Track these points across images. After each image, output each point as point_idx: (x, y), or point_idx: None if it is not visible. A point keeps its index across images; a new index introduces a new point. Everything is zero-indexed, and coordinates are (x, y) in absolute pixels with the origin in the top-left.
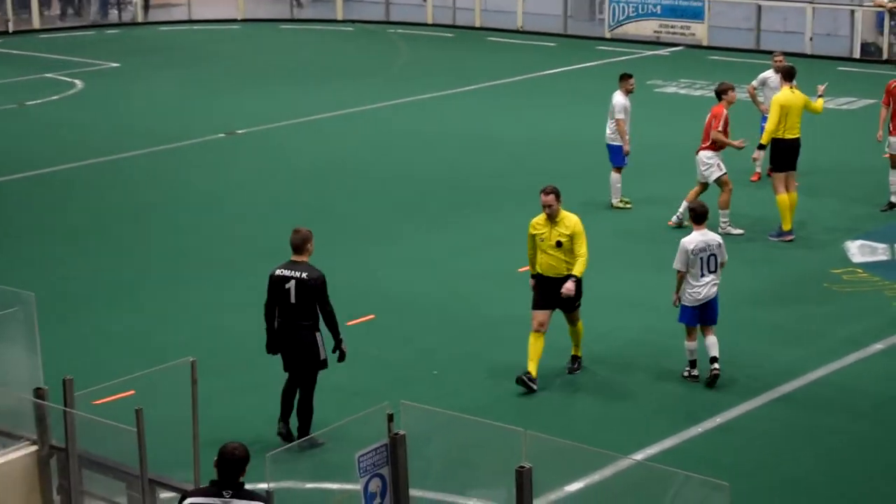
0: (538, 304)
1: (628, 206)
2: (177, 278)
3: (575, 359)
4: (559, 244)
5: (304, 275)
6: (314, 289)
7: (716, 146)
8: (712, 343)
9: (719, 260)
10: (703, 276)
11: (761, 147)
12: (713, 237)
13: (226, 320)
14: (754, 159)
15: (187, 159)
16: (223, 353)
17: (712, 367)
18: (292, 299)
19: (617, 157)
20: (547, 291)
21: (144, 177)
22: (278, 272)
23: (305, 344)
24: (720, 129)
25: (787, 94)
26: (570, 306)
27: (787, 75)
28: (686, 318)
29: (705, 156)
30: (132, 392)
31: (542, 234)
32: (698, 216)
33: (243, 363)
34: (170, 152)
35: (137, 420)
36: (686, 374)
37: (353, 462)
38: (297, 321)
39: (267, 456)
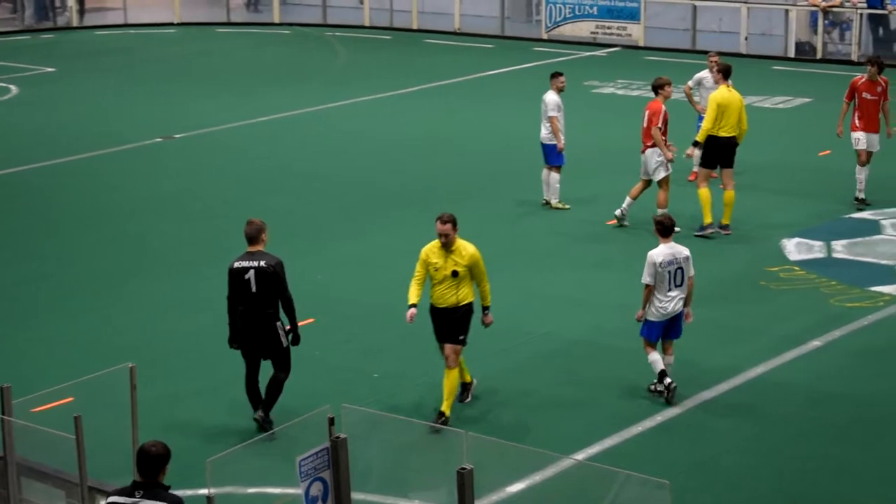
0: (438, 338)
1: (566, 207)
2: (116, 283)
3: (441, 415)
4: (455, 274)
5: (263, 263)
6: (274, 275)
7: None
8: (670, 363)
9: (686, 273)
10: (669, 290)
11: (696, 144)
12: (680, 250)
13: (167, 325)
14: (688, 156)
15: (124, 164)
16: (163, 359)
17: (666, 382)
18: (253, 289)
19: (553, 156)
20: (440, 323)
21: (82, 182)
22: (237, 265)
23: (272, 331)
24: (660, 125)
25: (724, 93)
26: (454, 337)
27: (725, 74)
28: (650, 334)
29: (655, 153)
30: (71, 399)
31: (437, 263)
32: (665, 229)
33: (184, 368)
34: (107, 157)
35: (76, 427)
36: (653, 388)
37: (294, 466)
38: (262, 310)
39: (207, 461)
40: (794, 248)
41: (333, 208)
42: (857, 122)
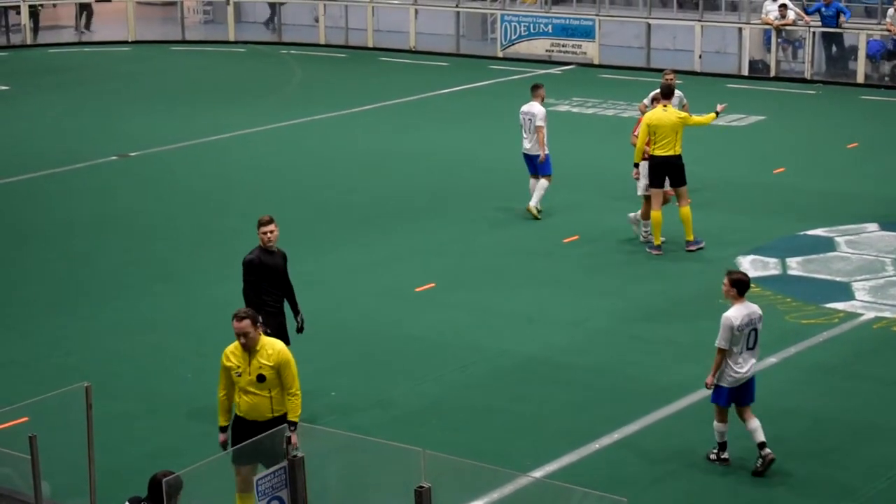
0: (240, 458)
1: (539, 216)
2: (69, 303)
3: None
4: (262, 378)
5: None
6: (285, 266)
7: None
8: (756, 427)
9: (759, 334)
10: (742, 353)
11: (636, 165)
12: (755, 309)
13: (121, 344)
14: (635, 177)
15: (79, 183)
16: (115, 378)
17: (764, 453)
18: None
19: (544, 165)
20: (249, 438)
21: (35, 201)
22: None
23: (283, 322)
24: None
25: (656, 113)
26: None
27: (664, 94)
28: (722, 400)
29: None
30: (26, 419)
31: (239, 367)
32: (743, 287)
33: (139, 387)
34: (61, 175)
35: (31, 447)
36: (713, 457)
37: (251, 485)
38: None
39: (164, 481)
40: (750, 266)
41: (287, 227)
42: None
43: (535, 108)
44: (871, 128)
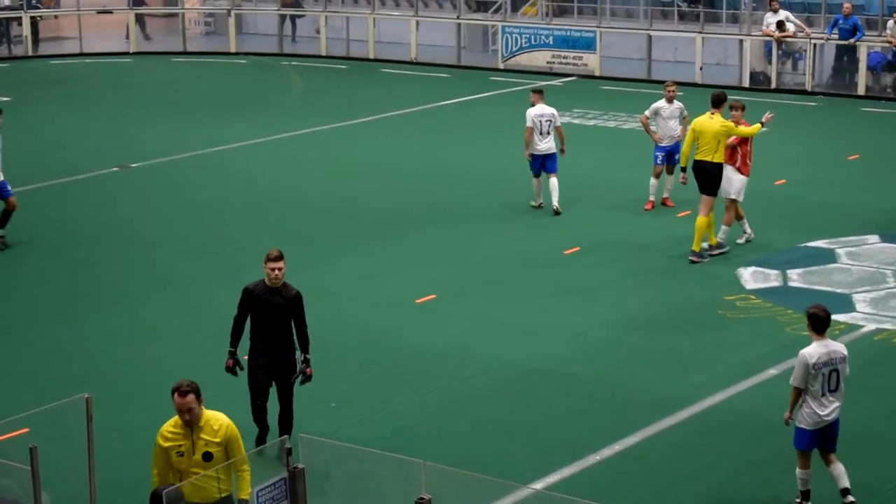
0: None
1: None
2: (69, 313)
3: None
4: (208, 457)
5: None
6: (294, 307)
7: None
8: (841, 473)
9: (843, 375)
10: (823, 395)
11: (683, 169)
12: (837, 348)
13: (121, 354)
14: (682, 182)
15: (80, 193)
16: (115, 389)
17: (847, 501)
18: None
19: (557, 162)
20: None
21: (36, 212)
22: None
23: (268, 363)
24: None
25: (702, 120)
26: None
27: (713, 103)
28: (803, 444)
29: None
30: (26, 430)
31: (181, 446)
32: (820, 323)
33: (137, 398)
34: (62, 186)
35: (32, 458)
36: None
37: (252, 497)
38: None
39: (165, 493)
40: (751, 277)
41: (288, 238)
42: None
43: (548, 109)
44: (872, 140)
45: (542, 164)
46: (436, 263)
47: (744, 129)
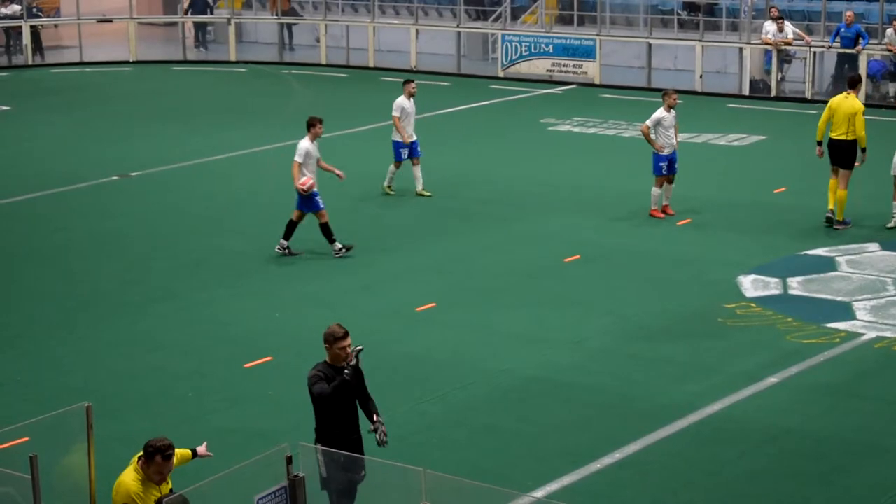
0: None
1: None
2: (69, 322)
3: None
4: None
5: None
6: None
7: None
8: None
9: None
10: None
11: (819, 143)
12: None
13: (121, 363)
14: (818, 155)
15: (80, 202)
16: (114, 398)
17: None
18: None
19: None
20: None
21: (35, 221)
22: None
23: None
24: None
25: (838, 99)
26: None
27: (849, 83)
28: None
29: None
30: (26, 439)
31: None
32: None
33: (139, 406)
34: (62, 195)
35: (32, 467)
36: None
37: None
38: None
39: (165, 501)
40: (751, 285)
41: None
42: None
43: (403, 101)
44: (873, 148)
45: (411, 151)
46: (435, 272)
47: (861, 127)
